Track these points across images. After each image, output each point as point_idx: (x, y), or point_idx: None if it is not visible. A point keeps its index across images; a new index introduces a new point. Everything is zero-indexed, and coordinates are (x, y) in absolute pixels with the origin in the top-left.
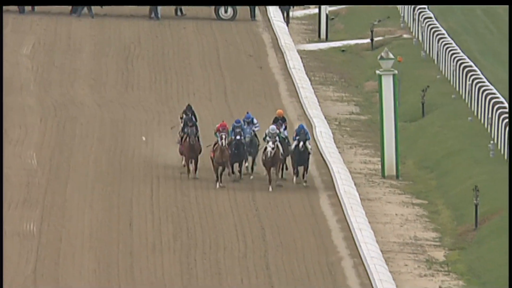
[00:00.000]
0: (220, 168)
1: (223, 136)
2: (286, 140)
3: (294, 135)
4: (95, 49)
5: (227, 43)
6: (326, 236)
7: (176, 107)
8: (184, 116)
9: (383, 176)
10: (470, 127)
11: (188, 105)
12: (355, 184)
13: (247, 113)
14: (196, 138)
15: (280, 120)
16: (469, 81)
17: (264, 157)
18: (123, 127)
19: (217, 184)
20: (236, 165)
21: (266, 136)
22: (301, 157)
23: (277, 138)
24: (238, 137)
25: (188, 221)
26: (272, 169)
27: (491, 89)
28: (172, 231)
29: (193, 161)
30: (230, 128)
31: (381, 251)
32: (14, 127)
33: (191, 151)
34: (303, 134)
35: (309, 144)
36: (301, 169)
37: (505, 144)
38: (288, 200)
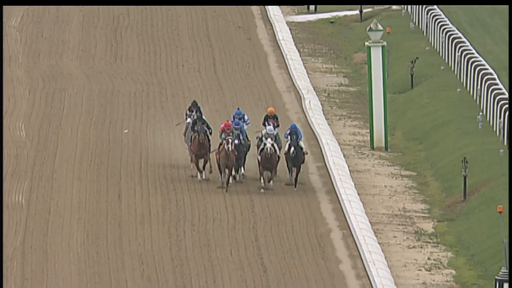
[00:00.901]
0: (227, 170)
1: (229, 140)
2: (277, 137)
3: (287, 133)
4: (83, 20)
5: (216, 14)
6: (315, 208)
7: (165, 78)
8: (189, 112)
9: (372, 147)
10: (459, 99)
11: (194, 101)
12: (344, 156)
13: (238, 109)
14: (206, 137)
15: (271, 118)
16: (458, 52)
17: (260, 157)
18: (112, 99)
19: (223, 189)
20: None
21: (262, 136)
22: (295, 160)
23: (274, 138)
24: (236, 141)
25: (177, 192)
26: (266, 171)
27: (480, 61)
28: (160, 203)
29: (202, 160)
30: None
31: (370, 222)
32: (3, 98)
33: (200, 149)
34: (294, 135)
35: (302, 143)
36: (294, 170)
37: (494, 116)
38: (278, 173)
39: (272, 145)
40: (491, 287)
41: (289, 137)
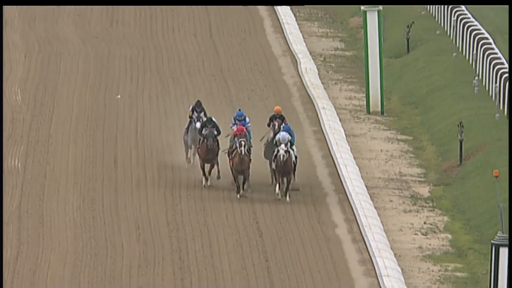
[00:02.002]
0: (241, 176)
1: (242, 143)
2: (293, 142)
3: (276, 136)
4: None
5: None
6: (311, 172)
7: (161, 43)
8: (195, 114)
9: (368, 112)
10: (454, 63)
11: (198, 101)
12: (340, 120)
13: (239, 110)
14: (215, 142)
15: (278, 118)
16: (453, 17)
17: (275, 163)
18: (108, 63)
19: (238, 195)
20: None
21: (276, 142)
22: (283, 168)
23: (289, 144)
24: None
25: (173, 156)
26: (282, 177)
27: (475, 25)
28: (156, 167)
29: (208, 165)
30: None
31: (366, 187)
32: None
33: (208, 154)
34: (285, 143)
35: (294, 149)
36: (284, 180)
37: (490, 80)
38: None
39: (286, 151)
40: (487, 251)
41: (280, 143)
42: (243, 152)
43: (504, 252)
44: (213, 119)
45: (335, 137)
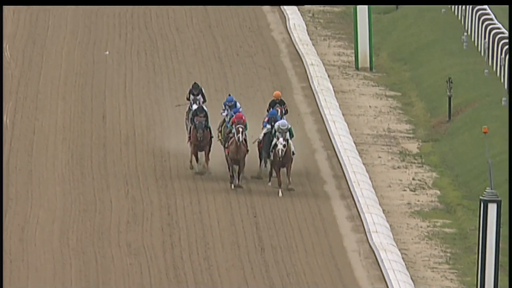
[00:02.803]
0: (236, 166)
1: (240, 129)
2: (291, 132)
3: (275, 124)
4: None
5: None
6: (300, 128)
7: None
8: (192, 96)
9: (357, 68)
10: (443, 19)
11: (194, 83)
12: (328, 76)
13: (229, 95)
14: (207, 131)
15: (278, 104)
16: None
17: (273, 156)
18: (96, 19)
19: (232, 185)
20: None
21: (275, 132)
22: (283, 161)
23: (287, 134)
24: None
25: (162, 113)
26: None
27: None
28: (145, 123)
29: (201, 153)
30: (228, 118)
31: (355, 143)
32: None
33: (200, 142)
34: (284, 130)
35: (292, 145)
36: (283, 171)
37: (478, 36)
38: (262, 93)
39: (285, 146)
40: (476, 207)
41: (268, 125)
42: (240, 139)
43: (492, 208)
44: (205, 108)
45: (323, 94)
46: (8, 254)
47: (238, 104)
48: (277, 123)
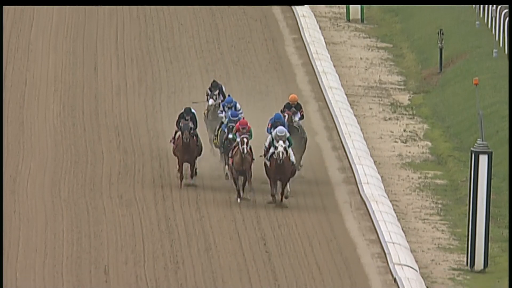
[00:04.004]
0: (241, 178)
1: (245, 140)
2: (300, 130)
3: (273, 132)
4: None
5: None
6: (291, 80)
7: None
8: (210, 93)
9: (348, 19)
10: None
11: (213, 81)
12: (320, 28)
13: (228, 95)
14: (192, 136)
15: (293, 107)
16: None
17: (269, 164)
18: None
19: (238, 199)
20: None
21: (273, 140)
22: (280, 170)
23: (287, 142)
24: (230, 136)
25: (153, 65)
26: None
27: None
28: (137, 75)
29: (188, 165)
30: (225, 120)
31: (346, 94)
32: None
33: (185, 151)
34: (282, 137)
35: (290, 151)
36: (279, 184)
37: None
38: (253, 45)
39: (285, 148)
40: (467, 158)
41: (277, 140)
42: (245, 151)
43: (483, 160)
44: (192, 110)
45: (315, 45)
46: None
47: (238, 106)
48: (275, 130)
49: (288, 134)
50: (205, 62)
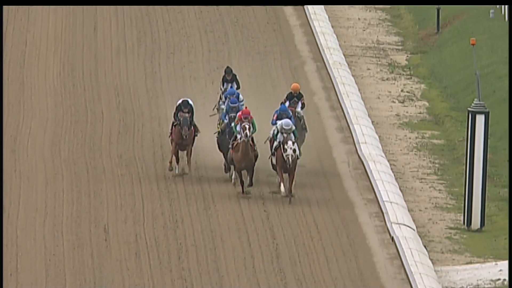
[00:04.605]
0: (244, 171)
1: (246, 126)
2: (302, 121)
3: (278, 123)
4: None
5: None
6: (289, 40)
7: None
8: (224, 85)
9: None
10: None
11: (227, 67)
12: None
13: (230, 87)
14: (192, 128)
15: (295, 97)
16: None
17: (276, 160)
18: None
19: (243, 193)
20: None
21: (277, 132)
22: (287, 166)
23: (292, 135)
24: (233, 124)
25: (152, 25)
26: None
27: None
28: (136, 35)
29: (184, 152)
30: (224, 110)
31: (344, 55)
32: None
33: (181, 143)
34: (288, 130)
35: (296, 144)
36: (286, 176)
37: None
38: (253, 11)
39: (295, 151)
40: (464, 118)
41: (282, 134)
42: (248, 135)
43: (480, 119)
44: (190, 101)
45: (313, 7)
46: (0, 164)
47: (241, 97)
48: (279, 122)
49: (294, 127)
50: (204, 22)
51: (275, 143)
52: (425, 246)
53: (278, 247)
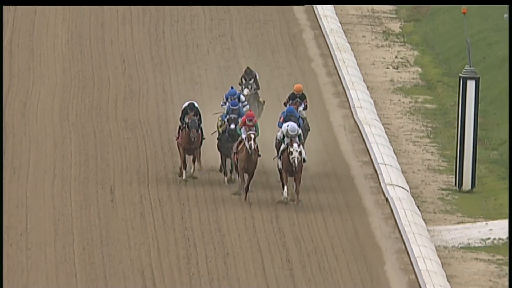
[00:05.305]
0: (247, 176)
1: (252, 136)
2: (305, 121)
3: (283, 127)
4: None
5: None
6: (288, 9)
7: None
8: (244, 81)
9: None
10: None
11: (247, 68)
12: None
13: (231, 88)
14: (199, 132)
15: (298, 98)
16: None
17: (282, 163)
18: None
19: (244, 197)
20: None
21: (284, 137)
22: (293, 170)
23: (297, 140)
24: (232, 126)
25: None
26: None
27: None
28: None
29: (190, 156)
30: (225, 111)
31: (340, 23)
32: None
33: (189, 147)
34: (294, 135)
35: (302, 148)
36: (291, 180)
37: None
38: None
39: (300, 153)
40: (455, 84)
41: (289, 137)
42: (252, 147)
43: (471, 85)
44: (196, 104)
45: None
46: (11, 128)
47: (242, 97)
48: (285, 126)
49: (300, 131)
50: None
51: (282, 146)
52: (418, 207)
53: (277, 207)
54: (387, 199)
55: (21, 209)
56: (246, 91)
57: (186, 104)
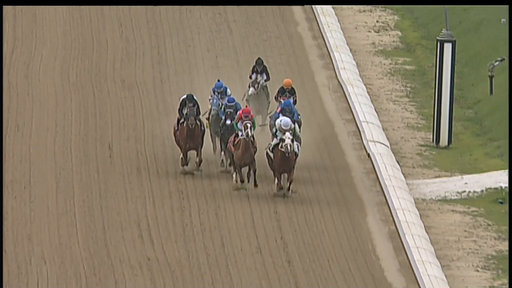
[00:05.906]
0: (245, 168)
1: (248, 125)
2: (296, 133)
3: (276, 122)
4: None
5: None
6: None
7: None
8: (254, 75)
9: None
10: None
11: (258, 59)
12: None
13: (218, 81)
14: (197, 121)
15: (287, 92)
16: None
17: (273, 156)
18: None
19: (246, 190)
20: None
21: (276, 130)
22: (285, 162)
23: (291, 133)
24: (229, 121)
25: None
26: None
27: None
28: None
29: (195, 152)
30: (222, 108)
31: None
32: None
33: (189, 138)
34: (287, 130)
35: (296, 143)
36: (284, 176)
37: None
38: None
39: (293, 141)
40: (433, 46)
41: (283, 131)
42: (249, 134)
43: (448, 47)
44: (194, 96)
45: None
46: (15, 88)
47: (228, 91)
48: (278, 121)
49: (293, 126)
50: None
51: (274, 140)
52: (398, 162)
53: (265, 163)
54: (368, 154)
55: (24, 164)
56: (251, 91)
57: (184, 96)
